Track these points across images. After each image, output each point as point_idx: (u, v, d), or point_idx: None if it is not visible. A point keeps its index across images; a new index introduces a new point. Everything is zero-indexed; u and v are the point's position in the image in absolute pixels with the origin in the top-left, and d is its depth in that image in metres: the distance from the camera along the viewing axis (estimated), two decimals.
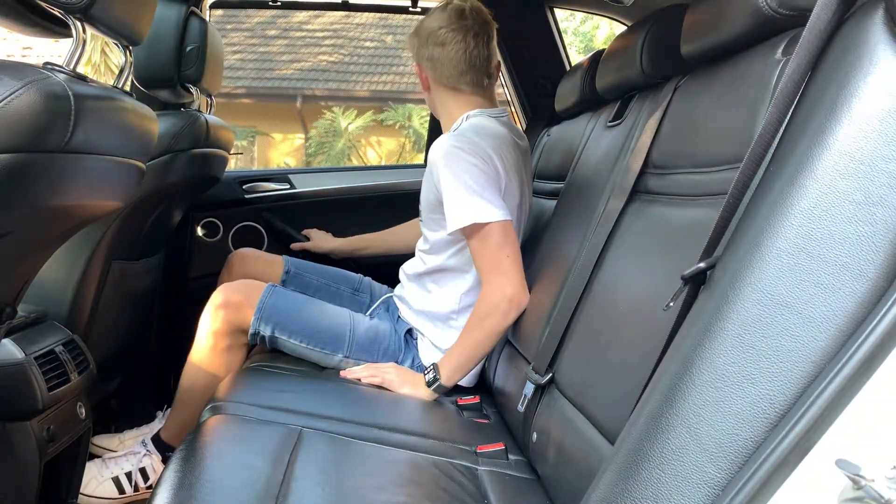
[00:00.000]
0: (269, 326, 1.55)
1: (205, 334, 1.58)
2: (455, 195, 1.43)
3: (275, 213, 2.28)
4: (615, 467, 0.67)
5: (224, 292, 1.58)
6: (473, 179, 1.44)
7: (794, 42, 0.76)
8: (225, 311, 1.55)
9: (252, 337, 1.57)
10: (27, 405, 1.21)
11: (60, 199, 0.96)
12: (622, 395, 0.88)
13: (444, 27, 1.58)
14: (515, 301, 1.44)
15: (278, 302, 1.58)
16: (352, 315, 1.65)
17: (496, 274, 1.45)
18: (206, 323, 1.57)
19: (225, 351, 1.58)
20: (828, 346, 0.58)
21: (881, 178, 0.58)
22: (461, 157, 1.45)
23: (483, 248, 1.45)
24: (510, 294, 1.44)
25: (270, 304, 1.57)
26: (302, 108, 9.79)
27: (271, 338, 1.56)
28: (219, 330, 1.56)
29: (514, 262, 1.46)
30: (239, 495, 0.91)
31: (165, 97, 1.83)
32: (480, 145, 1.49)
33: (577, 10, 2.54)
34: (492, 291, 1.45)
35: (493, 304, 1.45)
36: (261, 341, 1.58)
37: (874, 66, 0.58)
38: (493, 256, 1.45)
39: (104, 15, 0.95)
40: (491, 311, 1.45)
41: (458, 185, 1.43)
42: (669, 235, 1.00)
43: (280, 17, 10.65)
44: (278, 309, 1.57)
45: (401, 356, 1.63)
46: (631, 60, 1.29)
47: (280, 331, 1.56)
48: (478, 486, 1.12)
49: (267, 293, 1.58)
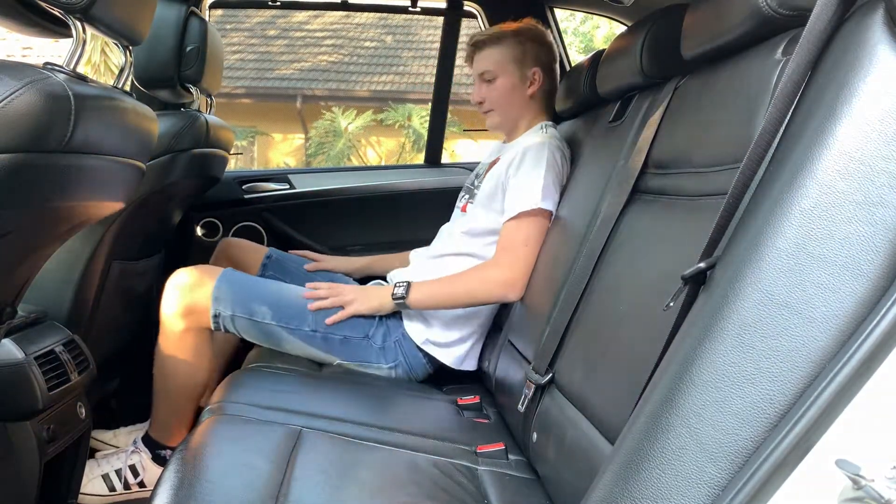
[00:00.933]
0: (229, 306, 1.54)
1: (164, 319, 1.56)
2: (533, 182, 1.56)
3: (275, 213, 2.28)
4: (615, 467, 0.67)
5: (179, 274, 1.57)
6: (551, 176, 1.57)
7: (794, 42, 0.76)
8: (180, 292, 1.54)
9: (214, 320, 1.55)
10: (27, 405, 1.21)
11: (60, 199, 0.96)
12: (622, 395, 0.88)
13: (554, 46, 1.79)
14: (509, 288, 1.53)
15: (235, 281, 1.57)
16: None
17: (510, 256, 1.54)
18: (164, 307, 1.56)
19: (185, 334, 1.55)
20: (828, 346, 0.58)
21: (881, 178, 0.58)
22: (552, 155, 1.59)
23: (516, 230, 1.56)
24: (510, 279, 1.52)
25: (227, 285, 1.55)
26: (302, 108, 9.79)
27: (232, 318, 1.54)
28: (175, 311, 1.54)
29: (530, 256, 1.54)
30: (239, 495, 0.91)
31: (165, 97, 1.83)
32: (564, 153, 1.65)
33: (577, 10, 2.54)
34: (498, 267, 1.55)
35: (492, 277, 1.55)
36: (224, 326, 1.56)
37: (874, 66, 0.58)
38: (519, 241, 1.54)
39: (104, 15, 0.95)
40: (486, 280, 1.55)
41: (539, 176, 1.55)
42: (669, 235, 1.00)
43: (280, 17, 10.65)
44: (235, 288, 1.56)
45: (371, 329, 1.62)
46: (631, 60, 1.29)
47: (241, 310, 1.55)
48: (478, 486, 1.12)
49: (224, 274, 1.57)
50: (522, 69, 1.73)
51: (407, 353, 1.63)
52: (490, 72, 1.73)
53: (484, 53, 1.73)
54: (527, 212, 1.55)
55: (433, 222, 1.90)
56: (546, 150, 1.59)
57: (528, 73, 1.73)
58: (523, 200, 1.55)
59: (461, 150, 8.59)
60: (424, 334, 1.63)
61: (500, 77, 1.73)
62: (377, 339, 1.62)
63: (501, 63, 1.72)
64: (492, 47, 1.73)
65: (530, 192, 1.55)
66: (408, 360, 1.63)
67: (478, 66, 1.75)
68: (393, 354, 1.62)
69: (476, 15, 2.33)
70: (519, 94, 1.74)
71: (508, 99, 1.74)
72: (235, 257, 1.91)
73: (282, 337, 1.58)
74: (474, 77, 1.78)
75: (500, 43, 1.72)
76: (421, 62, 10.12)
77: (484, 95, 1.75)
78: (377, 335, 1.62)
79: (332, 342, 1.60)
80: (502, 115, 1.77)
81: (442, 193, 2.13)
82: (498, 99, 1.74)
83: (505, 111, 1.76)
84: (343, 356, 1.60)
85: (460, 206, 1.82)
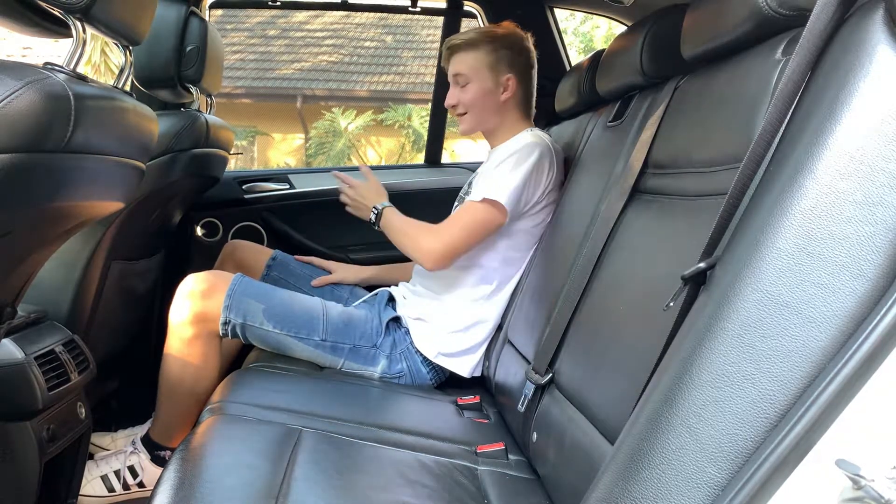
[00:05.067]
0: (240, 315, 1.54)
1: (173, 325, 1.56)
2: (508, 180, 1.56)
3: (274, 213, 2.28)
4: (615, 467, 0.67)
5: (190, 281, 1.57)
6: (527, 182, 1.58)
7: (794, 42, 0.76)
8: (191, 300, 1.54)
9: (223, 328, 1.55)
10: (27, 405, 1.21)
11: (60, 199, 0.96)
12: (622, 395, 0.88)
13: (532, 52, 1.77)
14: (428, 257, 1.59)
15: (247, 290, 1.57)
16: (324, 301, 1.66)
17: (448, 232, 1.59)
18: (173, 313, 1.56)
19: (195, 340, 1.55)
20: (828, 346, 0.58)
21: (881, 178, 0.58)
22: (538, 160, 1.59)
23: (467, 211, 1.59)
24: (434, 251, 1.58)
25: (240, 293, 1.56)
26: (302, 108, 9.80)
27: (242, 326, 1.55)
28: (185, 319, 1.54)
29: (463, 240, 1.58)
30: (239, 495, 0.91)
31: (165, 97, 1.83)
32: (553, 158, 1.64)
33: (577, 10, 2.54)
34: (435, 234, 1.60)
35: (425, 243, 1.60)
36: (232, 333, 1.56)
37: (874, 66, 0.58)
38: (463, 221, 1.59)
39: (104, 15, 0.95)
40: (419, 243, 1.60)
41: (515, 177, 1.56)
42: (669, 235, 1.00)
43: (280, 17, 10.65)
44: (248, 296, 1.56)
45: (380, 340, 1.63)
46: (631, 60, 1.29)
47: (251, 318, 1.55)
48: (478, 486, 1.12)
49: (235, 282, 1.57)
50: (496, 75, 1.70)
51: (412, 365, 1.64)
52: (464, 76, 1.71)
53: (458, 57, 1.72)
54: (486, 199, 1.56)
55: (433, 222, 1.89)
56: (533, 155, 1.58)
57: (501, 79, 1.70)
58: (488, 188, 1.57)
59: (461, 150, 8.59)
60: (436, 348, 1.64)
61: (472, 82, 1.70)
62: (385, 348, 1.63)
63: (475, 68, 1.70)
64: (466, 51, 1.71)
65: (497, 186, 1.56)
66: (412, 372, 1.64)
67: (452, 68, 1.73)
68: (399, 365, 1.63)
69: (476, 15, 2.33)
70: (492, 99, 1.71)
71: (481, 104, 1.71)
72: (241, 259, 1.92)
73: (291, 345, 1.59)
74: (449, 79, 1.76)
75: (474, 48, 1.70)
76: (421, 62, 10.13)
77: (458, 99, 1.73)
78: (385, 344, 1.64)
79: (341, 351, 1.61)
80: (475, 119, 1.74)
81: (442, 193, 2.12)
82: (471, 103, 1.72)
83: (477, 116, 1.73)
84: (350, 365, 1.62)
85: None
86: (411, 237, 1.62)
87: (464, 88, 1.72)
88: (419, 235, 1.62)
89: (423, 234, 1.61)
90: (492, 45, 1.70)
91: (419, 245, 1.60)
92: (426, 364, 1.64)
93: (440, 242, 1.57)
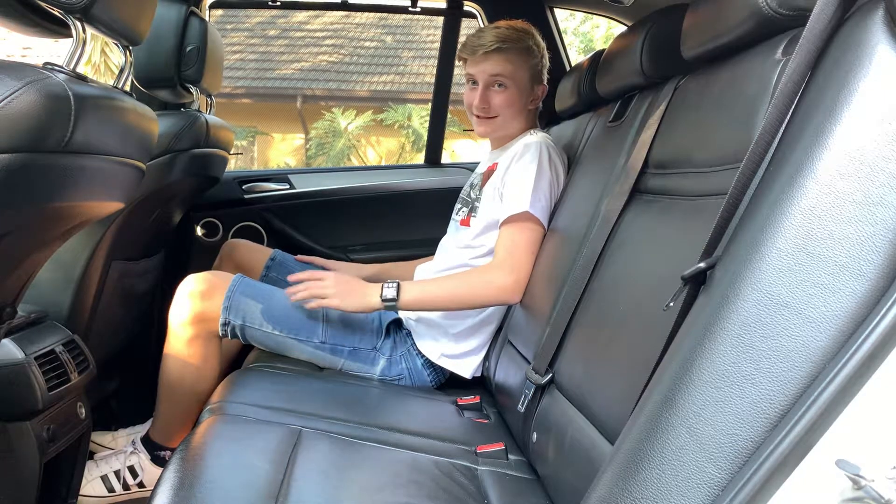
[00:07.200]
0: (239, 316, 1.54)
1: (173, 325, 1.56)
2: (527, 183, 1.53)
3: (274, 213, 2.28)
4: (615, 467, 0.67)
5: (190, 281, 1.56)
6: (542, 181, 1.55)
7: (794, 42, 0.76)
8: (191, 300, 1.54)
9: (223, 328, 1.54)
10: (27, 405, 1.21)
11: (60, 199, 0.96)
12: (622, 395, 0.88)
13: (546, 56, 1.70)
14: (511, 293, 1.51)
15: (247, 291, 1.57)
16: None
17: (510, 261, 1.51)
18: (173, 313, 1.56)
19: (195, 340, 1.55)
20: (828, 346, 0.58)
21: (881, 178, 0.58)
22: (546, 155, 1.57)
23: (514, 234, 1.53)
24: (513, 283, 1.50)
25: (239, 293, 1.55)
26: (302, 108, 9.79)
27: (241, 327, 1.55)
28: (185, 320, 1.54)
29: (528, 262, 1.52)
30: (239, 495, 0.91)
31: (165, 97, 1.83)
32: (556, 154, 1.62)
33: (577, 10, 2.54)
34: (501, 269, 1.51)
35: (496, 280, 1.51)
36: (232, 334, 1.56)
37: (874, 66, 0.58)
38: (518, 246, 1.52)
39: (104, 15, 0.95)
40: (490, 283, 1.51)
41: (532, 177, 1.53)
42: (669, 235, 1.00)
43: (280, 17, 10.65)
44: (247, 297, 1.55)
45: (380, 342, 1.63)
46: (631, 60, 1.29)
47: (251, 320, 1.55)
48: (478, 486, 1.12)
49: (235, 283, 1.56)
50: (533, 83, 1.66)
51: (412, 367, 1.64)
52: (504, 78, 1.61)
53: (501, 57, 1.60)
54: (520, 215, 1.52)
55: (433, 222, 1.90)
56: (540, 153, 1.56)
57: (536, 88, 1.67)
58: (516, 202, 1.52)
59: (461, 149, 8.59)
60: (438, 349, 1.63)
61: (511, 86, 1.62)
62: (385, 350, 1.63)
63: (518, 73, 1.62)
64: (513, 54, 1.61)
65: (521, 196, 1.52)
66: (412, 374, 1.64)
67: (489, 68, 1.61)
68: (398, 367, 1.63)
69: (476, 15, 2.33)
70: (521, 105, 1.66)
71: (512, 110, 1.65)
72: (240, 259, 1.91)
73: (291, 346, 1.59)
74: (477, 78, 1.64)
75: (525, 53, 1.62)
76: (421, 62, 10.12)
77: (490, 101, 1.63)
78: (385, 346, 1.64)
79: (341, 353, 1.61)
80: (503, 123, 1.67)
81: (442, 193, 2.13)
82: (504, 107, 1.63)
83: (507, 121, 1.66)
84: (349, 366, 1.62)
85: (459, 218, 1.74)
86: (467, 284, 1.53)
87: (499, 91, 1.62)
88: (473, 280, 1.53)
89: (478, 277, 1.53)
90: (538, 51, 1.66)
91: (489, 287, 1.51)
92: (426, 366, 1.64)
93: (512, 273, 1.50)
